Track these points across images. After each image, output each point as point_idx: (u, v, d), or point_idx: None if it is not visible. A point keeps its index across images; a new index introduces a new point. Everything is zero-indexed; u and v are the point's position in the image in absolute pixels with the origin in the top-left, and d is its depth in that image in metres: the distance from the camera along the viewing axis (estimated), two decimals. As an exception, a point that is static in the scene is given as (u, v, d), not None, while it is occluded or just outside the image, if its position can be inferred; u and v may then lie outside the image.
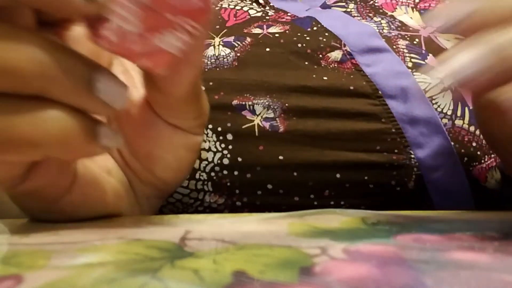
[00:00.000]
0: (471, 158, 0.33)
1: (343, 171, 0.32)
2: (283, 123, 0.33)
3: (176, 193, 0.32)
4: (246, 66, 0.34)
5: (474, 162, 0.33)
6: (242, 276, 0.15)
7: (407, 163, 0.32)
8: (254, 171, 0.32)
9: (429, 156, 0.32)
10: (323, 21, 0.37)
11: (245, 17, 0.39)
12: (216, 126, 0.33)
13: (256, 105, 0.33)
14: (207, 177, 0.32)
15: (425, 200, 0.33)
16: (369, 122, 0.32)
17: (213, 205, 0.33)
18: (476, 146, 0.33)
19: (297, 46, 0.35)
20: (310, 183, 0.32)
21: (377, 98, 0.33)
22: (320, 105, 0.33)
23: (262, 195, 0.32)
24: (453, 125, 0.33)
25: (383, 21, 0.37)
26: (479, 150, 0.33)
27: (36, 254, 0.18)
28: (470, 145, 0.33)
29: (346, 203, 0.32)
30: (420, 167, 0.32)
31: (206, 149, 0.32)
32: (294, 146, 0.32)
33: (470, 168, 0.33)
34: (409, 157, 0.32)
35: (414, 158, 0.32)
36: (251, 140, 0.32)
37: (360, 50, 0.35)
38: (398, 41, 0.35)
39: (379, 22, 0.37)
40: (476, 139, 0.33)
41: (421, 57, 0.35)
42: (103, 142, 0.19)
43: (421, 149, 0.32)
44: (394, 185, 0.32)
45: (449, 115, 0.33)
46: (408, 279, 0.15)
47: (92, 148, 0.19)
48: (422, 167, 0.32)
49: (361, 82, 0.33)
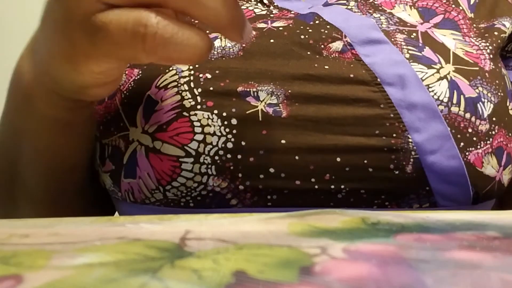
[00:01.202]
0: (467, 143, 0.34)
1: (343, 155, 0.33)
2: (286, 108, 0.34)
3: (180, 177, 0.33)
4: (251, 56, 0.36)
5: (470, 147, 0.34)
6: (242, 276, 0.15)
7: (405, 147, 0.33)
8: (257, 155, 0.33)
9: (426, 140, 0.33)
10: (324, 16, 0.38)
11: (251, 14, 0.40)
12: (221, 111, 0.34)
13: (260, 91, 0.34)
14: (211, 160, 0.33)
15: (424, 185, 0.34)
16: (368, 107, 0.34)
17: (216, 188, 0.34)
18: (472, 132, 0.34)
19: (300, 38, 0.36)
20: (311, 167, 0.33)
21: (375, 85, 0.34)
22: (321, 91, 0.34)
23: (264, 179, 0.33)
24: (449, 112, 0.34)
25: (382, 17, 0.39)
26: (475, 136, 0.34)
27: (36, 254, 0.18)
28: (466, 131, 0.34)
29: (346, 187, 0.33)
30: (417, 151, 0.33)
31: (211, 133, 0.33)
32: (296, 131, 0.33)
33: (466, 153, 0.34)
34: (407, 141, 0.33)
35: (411, 142, 0.33)
36: (255, 125, 0.33)
37: (360, 41, 0.36)
38: (396, 35, 0.37)
39: (378, 18, 0.38)
40: (472, 125, 0.34)
41: (418, 49, 0.36)
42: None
43: (418, 134, 0.33)
44: (392, 168, 0.33)
45: (445, 102, 0.34)
46: (408, 279, 0.15)
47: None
48: (420, 151, 0.33)
49: (360, 70, 0.35)
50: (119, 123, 0.35)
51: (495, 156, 0.36)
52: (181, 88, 0.34)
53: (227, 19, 0.25)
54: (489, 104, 0.36)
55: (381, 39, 0.36)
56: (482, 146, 0.35)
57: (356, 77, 0.34)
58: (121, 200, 0.37)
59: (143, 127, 0.34)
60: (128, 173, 0.35)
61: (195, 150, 0.33)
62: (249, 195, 0.34)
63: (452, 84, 0.34)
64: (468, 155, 0.34)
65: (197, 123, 0.33)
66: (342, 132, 0.33)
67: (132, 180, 0.35)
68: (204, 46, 0.25)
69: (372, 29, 0.37)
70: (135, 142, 0.34)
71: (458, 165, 0.34)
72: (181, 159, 0.33)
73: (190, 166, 0.33)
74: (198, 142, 0.33)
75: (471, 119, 0.34)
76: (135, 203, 0.36)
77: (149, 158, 0.34)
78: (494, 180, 0.36)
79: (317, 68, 0.35)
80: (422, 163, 0.33)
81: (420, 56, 0.35)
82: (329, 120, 0.33)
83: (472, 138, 0.34)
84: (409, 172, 0.33)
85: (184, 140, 0.33)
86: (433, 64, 0.35)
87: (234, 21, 0.25)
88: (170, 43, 0.24)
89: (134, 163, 0.34)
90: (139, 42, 0.24)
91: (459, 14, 0.40)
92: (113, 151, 0.36)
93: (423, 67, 0.35)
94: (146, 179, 0.34)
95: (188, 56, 0.25)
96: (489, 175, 0.35)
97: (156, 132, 0.33)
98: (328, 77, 0.34)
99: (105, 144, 0.37)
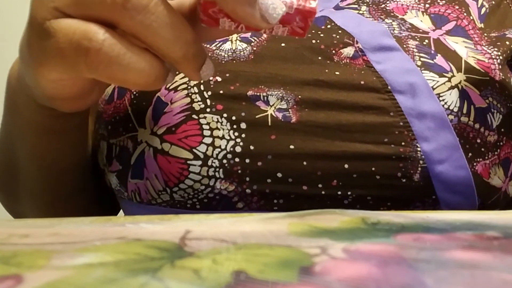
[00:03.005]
0: (475, 153, 0.34)
1: (352, 161, 0.33)
2: (295, 114, 0.34)
3: (187, 179, 0.33)
4: (262, 60, 0.36)
5: (478, 158, 0.34)
6: (242, 276, 0.15)
7: (413, 155, 0.33)
8: (265, 160, 0.33)
9: (435, 150, 0.33)
10: (336, 20, 0.38)
11: None
12: (231, 115, 0.34)
13: (270, 96, 0.34)
14: (219, 164, 0.33)
15: (430, 194, 0.33)
16: (378, 115, 0.34)
17: (223, 192, 0.34)
18: (481, 142, 0.34)
19: (311, 42, 0.36)
20: (318, 173, 0.33)
21: (386, 93, 0.34)
22: (331, 98, 0.34)
23: (271, 183, 0.33)
24: (459, 122, 0.34)
25: (394, 23, 0.38)
26: (483, 147, 0.34)
27: (36, 254, 0.18)
28: (474, 141, 0.34)
29: (353, 193, 0.33)
30: (426, 160, 0.33)
31: (219, 136, 0.33)
32: (305, 136, 0.33)
33: (474, 164, 0.34)
34: (416, 150, 0.33)
35: (420, 151, 0.33)
36: (264, 129, 0.33)
37: (372, 47, 0.36)
38: (408, 41, 0.36)
39: (390, 24, 0.38)
40: (480, 136, 0.34)
41: (430, 56, 0.35)
42: (168, 80, 0.26)
43: (427, 143, 0.33)
44: (400, 177, 0.33)
45: (455, 112, 0.34)
46: (408, 279, 0.15)
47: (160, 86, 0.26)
48: (428, 160, 0.33)
49: (371, 77, 0.35)
50: (128, 124, 0.36)
51: (502, 167, 0.36)
52: (191, 91, 0.34)
53: (180, 54, 0.25)
54: (498, 115, 0.35)
55: (393, 46, 0.36)
56: (489, 157, 0.35)
57: (367, 84, 0.34)
58: (127, 200, 0.37)
59: (152, 129, 0.34)
60: (136, 173, 0.35)
61: (203, 153, 0.33)
62: (256, 199, 0.34)
63: (463, 94, 0.34)
64: (475, 165, 0.34)
65: (206, 126, 0.33)
66: (351, 139, 0.33)
67: (139, 181, 0.35)
68: (152, 74, 0.25)
69: (384, 35, 0.36)
70: (143, 143, 0.34)
71: (465, 175, 0.33)
72: (189, 161, 0.33)
73: (198, 168, 0.33)
74: (207, 145, 0.33)
75: (480, 130, 0.34)
76: (141, 203, 0.36)
77: (157, 160, 0.34)
78: (500, 191, 0.36)
79: (328, 73, 0.35)
80: (430, 172, 0.33)
81: (432, 63, 0.35)
82: (338, 127, 0.33)
83: (481, 149, 0.34)
84: (416, 180, 0.33)
85: (193, 142, 0.33)
86: (445, 73, 0.35)
87: (189, 58, 0.25)
88: (113, 63, 0.24)
89: (142, 164, 0.34)
90: (81, 55, 0.24)
91: (470, 24, 0.39)
92: (121, 151, 0.36)
93: (435, 75, 0.35)
94: (153, 180, 0.34)
95: (134, 80, 0.25)
96: (495, 185, 0.35)
97: (165, 134, 0.34)
98: (339, 83, 0.34)
99: (113, 144, 0.37)
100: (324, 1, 0.41)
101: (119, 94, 0.37)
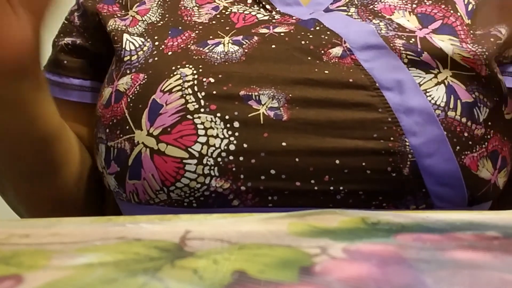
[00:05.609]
0: (463, 147, 0.35)
1: (342, 157, 0.34)
2: (287, 112, 0.35)
3: (184, 178, 0.34)
4: (253, 61, 0.36)
5: (466, 151, 0.35)
6: (242, 276, 0.15)
7: (402, 150, 0.34)
8: (258, 157, 0.34)
9: (423, 144, 0.34)
10: (325, 22, 0.39)
11: (253, 20, 0.41)
12: (224, 114, 0.34)
13: (262, 95, 0.35)
14: (214, 162, 0.34)
15: (420, 187, 0.34)
16: (367, 111, 0.35)
17: (219, 189, 0.34)
18: (468, 136, 0.35)
19: (300, 43, 0.37)
20: (311, 169, 0.34)
21: (374, 90, 0.35)
22: (321, 96, 0.35)
23: (265, 180, 0.34)
24: (446, 116, 0.35)
25: (381, 23, 0.39)
26: (471, 140, 0.35)
27: (36, 254, 0.18)
28: (462, 135, 0.35)
29: (345, 188, 0.34)
30: (414, 154, 0.34)
31: (214, 135, 0.34)
32: (297, 134, 0.34)
33: (462, 157, 0.35)
34: (404, 145, 0.34)
35: (408, 146, 0.34)
36: (257, 127, 0.34)
37: (359, 46, 0.37)
38: (395, 40, 0.37)
39: (377, 24, 0.39)
40: (467, 130, 0.35)
41: (417, 54, 0.36)
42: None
43: (415, 137, 0.34)
44: (390, 171, 0.34)
45: (442, 107, 0.35)
46: (408, 278, 0.15)
47: None
48: (417, 154, 0.34)
49: (359, 75, 0.35)
50: (125, 126, 0.36)
51: (490, 160, 0.36)
52: (185, 92, 0.35)
53: None
54: (485, 109, 0.36)
55: (380, 45, 0.37)
56: (477, 149, 0.35)
57: (355, 81, 0.35)
58: (125, 201, 0.38)
59: (148, 130, 0.35)
60: (133, 174, 0.35)
61: (198, 152, 0.34)
62: (250, 196, 0.34)
63: (450, 89, 0.35)
64: (463, 158, 0.35)
65: (201, 125, 0.34)
66: (341, 135, 0.34)
67: (136, 181, 0.35)
68: None
69: (371, 35, 0.37)
70: (140, 144, 0.35)
71: (453, 168, 0.34)
72: (184, 160, 0.34)
73: (194, 167, 0.34)
74: (202, 144, 0.34)
75: (467, 124, 0.35)
76: (139, 204, 0.36)
77: (153, 160, 0.34)
78: (489, 183, 0.37)
79: (317, 72, 0.36)
80: (419, 166, 0.34)
81: (418, 61, 0.36)
82: (329, 124, 0.34)
83: (468, 142, 0.35)
84: (406, 174, 0.34)
85: (188, 142, 0.34)
86: (431, 69, 0.36)
87: None
88: None
89: (139, 165, 0.35)
90: None
91: (457, 20, 0.40)
92: (119, 154, 0.37)
93: (421, 72, 0.36)
94: (150, 180, 0.35)
95: None
96: (484, 178, 0.36)
97: (161, 135, 0.34)
98: (328, 82, 0.35)
99: (111, 146, 0.37)
100: (314, 4, 0.42)
101: (116, 98, 0.38)
